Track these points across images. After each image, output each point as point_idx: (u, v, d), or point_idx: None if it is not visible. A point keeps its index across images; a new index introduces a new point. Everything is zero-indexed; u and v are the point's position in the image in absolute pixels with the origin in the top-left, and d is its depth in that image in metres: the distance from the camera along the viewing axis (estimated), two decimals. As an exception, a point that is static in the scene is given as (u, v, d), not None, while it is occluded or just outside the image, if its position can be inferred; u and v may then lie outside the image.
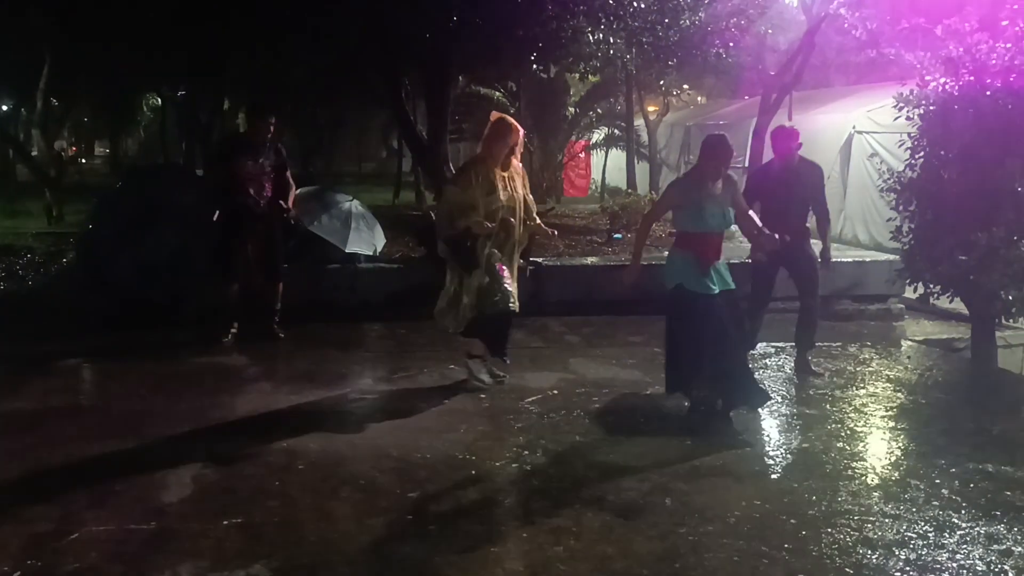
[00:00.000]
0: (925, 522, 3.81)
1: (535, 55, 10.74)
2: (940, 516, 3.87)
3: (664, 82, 16.16)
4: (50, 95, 16.62)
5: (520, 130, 5.58)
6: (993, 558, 3.49)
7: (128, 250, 7.45)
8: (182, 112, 21.39)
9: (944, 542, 3.63)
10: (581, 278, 8.45)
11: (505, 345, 5.74)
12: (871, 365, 6.62)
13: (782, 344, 6.73)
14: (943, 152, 6.83)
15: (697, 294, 4.99)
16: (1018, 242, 6.37)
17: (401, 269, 8.50)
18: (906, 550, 3.55)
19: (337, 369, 6.25)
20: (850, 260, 9.22)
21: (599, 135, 20.51)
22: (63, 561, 3.38)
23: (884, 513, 3.91)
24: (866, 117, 12.53)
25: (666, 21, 10.62)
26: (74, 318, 7.47)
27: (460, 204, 5.40)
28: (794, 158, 6.16)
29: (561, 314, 6.99)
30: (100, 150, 35.58)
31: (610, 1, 9.50)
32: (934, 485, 4.23)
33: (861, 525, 3.77)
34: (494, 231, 5.42)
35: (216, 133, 17.79)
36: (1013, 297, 6.61)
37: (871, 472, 4.45)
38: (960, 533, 3.71)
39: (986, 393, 6.34)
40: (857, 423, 5.22)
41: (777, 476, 4.41)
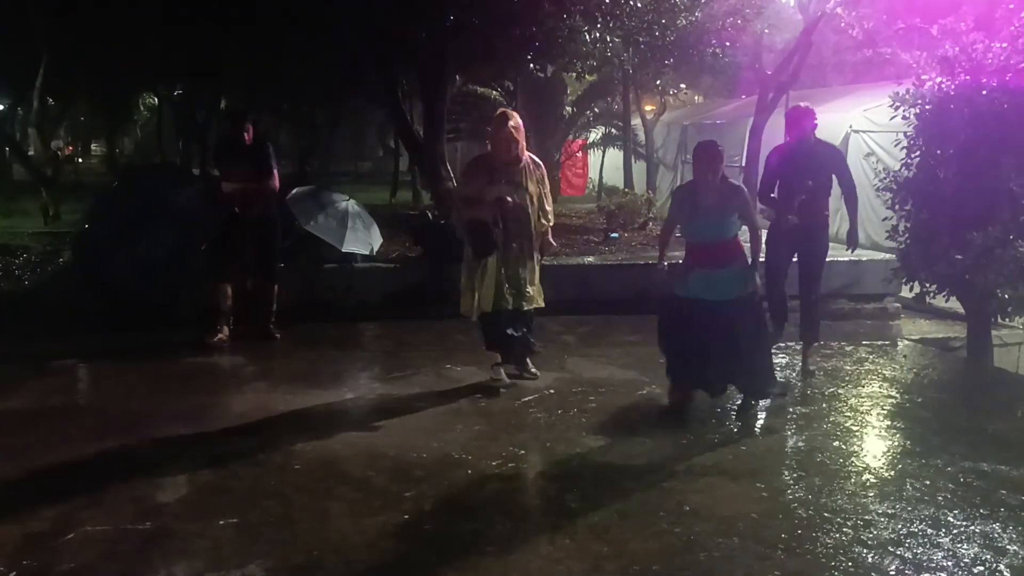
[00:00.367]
0: (920, 521, 3.82)
1: (532, 54, 10.75)
2: (935, 515, 3.88)
3: (661, 81, 16.13)
4: (47, 94, 16.59)
5: (510, 119, 5.47)
6: (988, 556, 3.50)
7: (125, 250, 7.44)
8: (179, 111, 21.38)
9: (939, 541, 3.64)
10: (578, 277, 8.45)
11: (515, 352, 5.80)
12: (867, 364, 6.62)
13: (780, 343, 6.73)
14: (939, 151, 6.85)
15: (674, 295, 5.14)
16: (1014, 241, 6.39)
17: (398, 269, 8.50)
18: (901, 549, 3.55)
19: (334, 369, 6.25)
20: (846, 259, 9.21)
21: (596, 134, 20.50)
22: (59, 561, 3.38)
23: (879, 512, 3.91)
24: (863, 116, 12.54)
25: (663, 21, 10.64)
26: (70, 318, 7.46)
27: (463, 196, 5.66)
28: (808, 138, 5.91)
29: (557, 313, 6.98)
30: (97, 149, 35.51)
31: (606, 0, 9.51)
32: (929, 484, 4.23)
33: (856, 524, 3.78)
34: (490, 219, 5.44)
35: (213, 132, 17.76)
36: (1009, 296, 6.63)
37: (866, 471, 4.45)
38: (955, 532, 3.72)
39: (982, 392, 6.35)
40: (853, 422, 5.22)
41: (772, 475, 4.40)
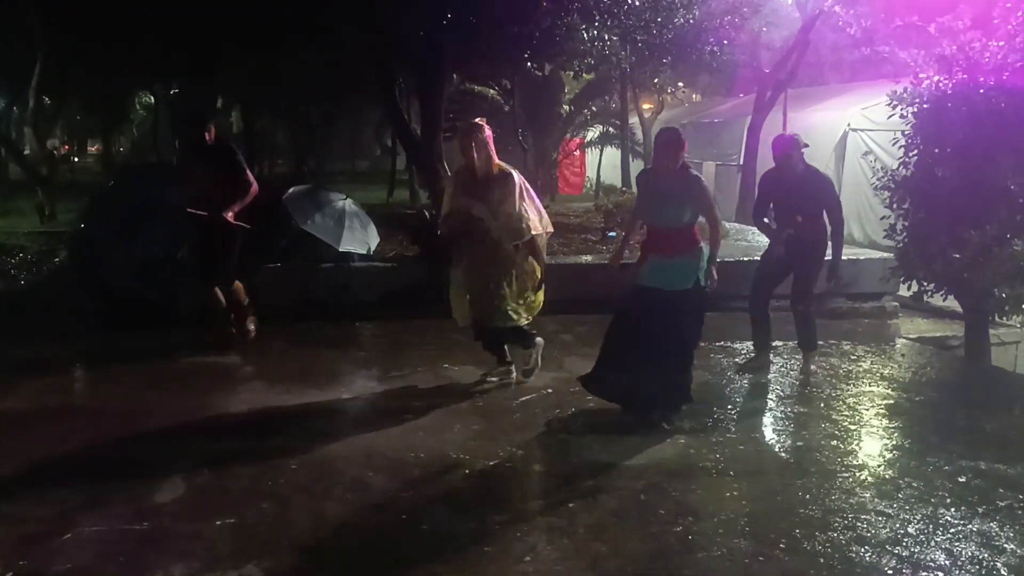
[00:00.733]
0: (918, 520, 3.82)
1: (529, 53, 10.73)
2: (933, 514, 3.88)
3: (659, 80, 16.19)
4: (42, 93, 16.55)
5: (472, 131, 5.34)
6: (986, 555, 3.50)
7: (121, 249, 7.42)
8: (175, 110, 21.33)
9: (937, 540, 3.64)
10: (576, 276, 8.44)
11: (492, 348, 5.79)
12: (865, 363, 6.62)
13: (779, 343, 6.73)
14: (937, 150, 6.85)
15: (632, 287, 5.10)
16: (1011, 240, 6.39)
17: (395, 268, 8.49)
18: (899, 548, 3.55)
19: (331, 368, 6.24)
20: (844, 258, 9.21)
21: (594, 133, 20.50)
22: (55, 561, 3.37)
23: (877, 511, 3.91)
24: (861, 115, 12.56)
25: (660, 19, 10.62)
26: (67, 317, 7.44)
27: (444, 207, 5.66)
28: (792, 165, 5.90)
29: (555, 312, 6.97)
30: (93, 148, 35.45)
31: (604, -1, 9.51)
32: (927, 483, 4.23)
33: (854, 523, 3.77)
34: (449, 231, 5.51)
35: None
36: (1006, 295, 6.64)
37: (864, 470, 4.45)
38: (953, 531, 3.72)
39: (979, 391, 6.35)
40: (851, 421, 5.22)
41: (770, 474, 4.40)
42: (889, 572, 3.37)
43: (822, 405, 5.51)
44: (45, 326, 7.27)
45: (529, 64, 12.59)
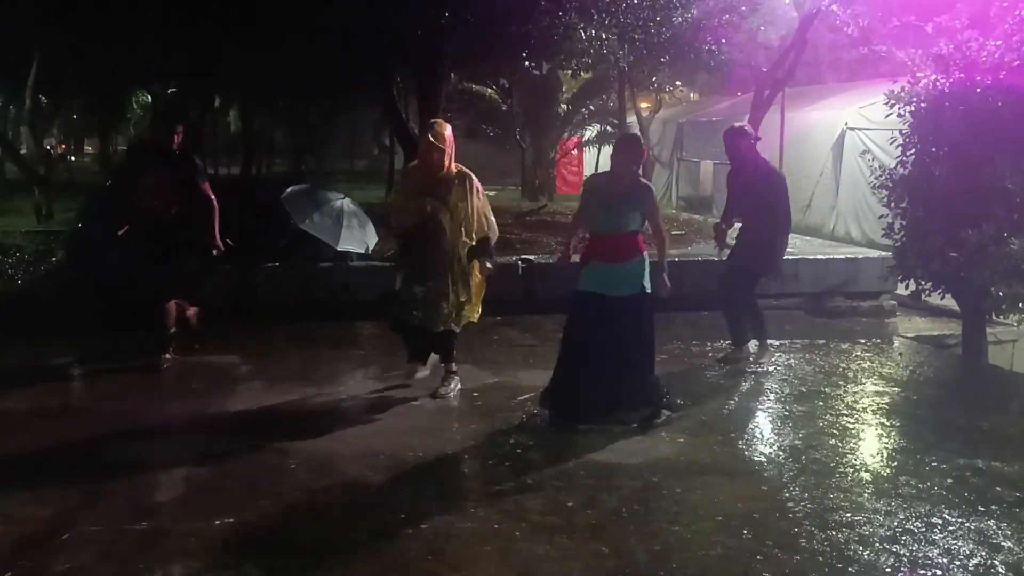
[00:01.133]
0: (916, 518, 3.83)
1: (527, 52, 10.74)
2: (931, 512, 3.89)
3: (656, 79, 16.15)
4: (39, 92, 16.50)
5: (432, 129, 5.32)
6: (984, 553, 3.51)
7: (118, 248, 7.39)
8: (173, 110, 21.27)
9: (935, 538, 3.65)
10: (573, 276, 8.42)
11: (413, 352, 5.74)
12: (863, 362, 6.64)
13: (775, 342, 6.75)
14: (934, 149, 6.86)
15: (576, 291, 5.10)
16: (1008, 239, 6.40)
17: (394, 267, 8.46)
18: (897, 546, 3.56)
19: (329, 368, 6.24)
20: (842, 257, 9.25)
21: (592, 132, 20.50)
22: (55, 561, 3.37)
23: (875, 509, 3.92)
24: (858, 114, 12.56)
25: (658, 18, 10.64)
26: (64, 317, 7.42)
27: (395, 206, 5.76)
28: (747, 160, 6.14)
29: (554, 312, 6.96)
30: (89, 148, 35.38)
31: (602, -2, 9.51)
32: (925, 481, 4.24)
33: (853, 522, 3.78)
34: (401, 232, 5.58)
35: (207, 130, 17.71)
36: (1003, 293, 6.65)
37: (862, 469, 4.46)
38: (951, 529, 3.73)
39: (977, 389, 6.37)
40: (848, 420, 5.23)
41: (769, 474, 4.42)
42: (887, 570, 3.38)
43: (820, 403, 5.52)
44: (43, 326, 7.25)
45: (527, 63, 12.61)
